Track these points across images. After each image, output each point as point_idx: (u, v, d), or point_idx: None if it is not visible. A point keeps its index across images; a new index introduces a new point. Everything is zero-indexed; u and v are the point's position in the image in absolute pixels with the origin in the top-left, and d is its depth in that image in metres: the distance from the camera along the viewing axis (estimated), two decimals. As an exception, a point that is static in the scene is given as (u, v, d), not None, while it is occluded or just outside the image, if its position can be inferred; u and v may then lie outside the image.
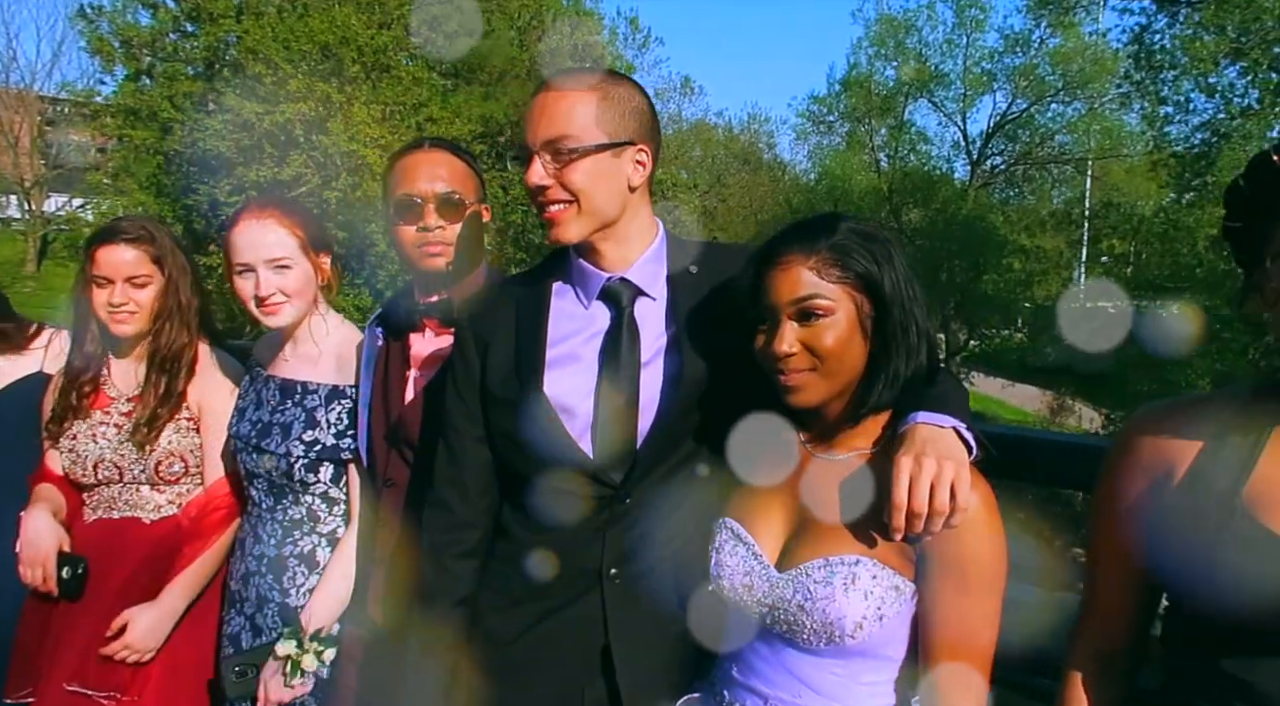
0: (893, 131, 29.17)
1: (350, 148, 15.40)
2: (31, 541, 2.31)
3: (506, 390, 1.70)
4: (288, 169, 15.65)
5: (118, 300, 2.36)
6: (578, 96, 1.60)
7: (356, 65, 15.42)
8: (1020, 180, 29.56)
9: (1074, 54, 25.51)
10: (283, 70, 15.22)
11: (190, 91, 17.12)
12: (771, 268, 1.46)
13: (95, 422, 2.44)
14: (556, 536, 1.68)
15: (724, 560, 1.54)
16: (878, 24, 28.00)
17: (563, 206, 1.62)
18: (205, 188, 16.19)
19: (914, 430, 1.40)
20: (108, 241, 2.36)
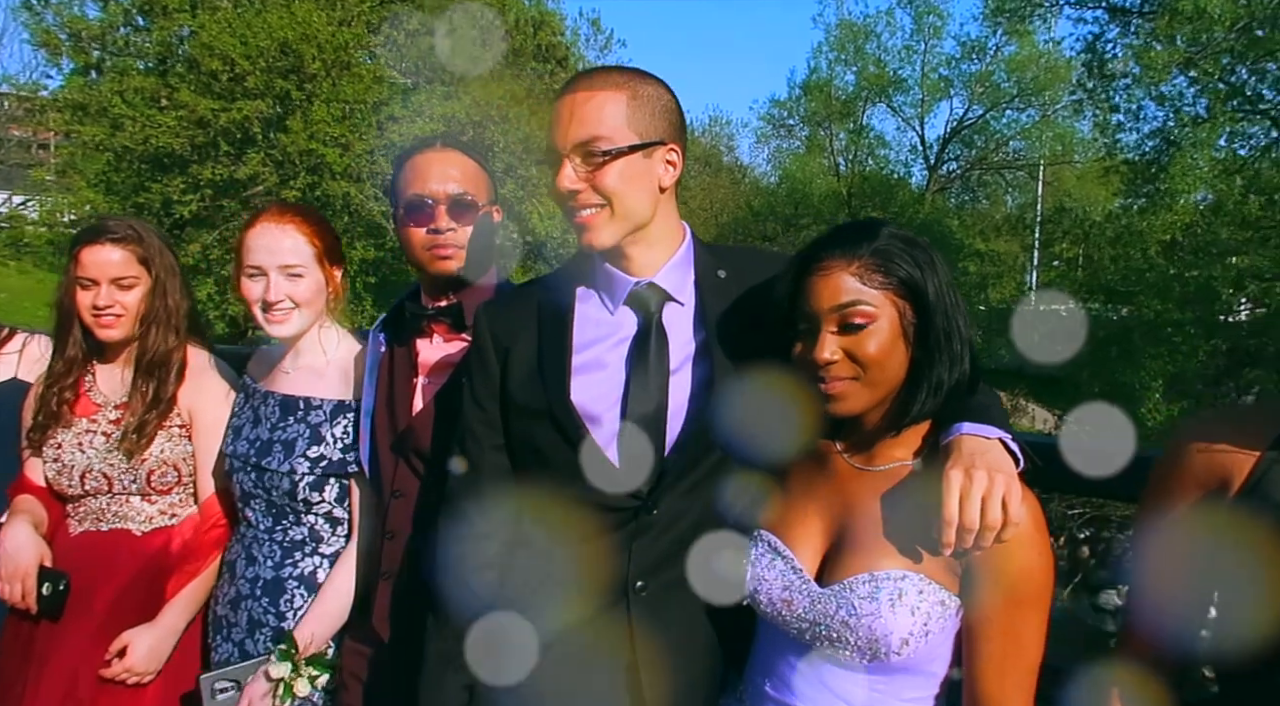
0: (852, 136, 29.54)
1: (310, 146, 15.10)
2: (10, 555, 2.20)
3: (529, 398, 1.64)
4: (244, 167, 15.31)
5: (103, 302, 2.26)
6: (607, 96, 1.56)
7: (317, 63, 15.12)
8: (976, 185, 30.11)
9: (1028, 62, 26.06)
10: (240, 66, 14.87)
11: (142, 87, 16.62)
12: (812, 274, 1.43)
13: (81, 430, 2.33)
14: (580, 548, 1.63)
15: (761, 574, 1.50)
16: (838, 29, 28.39)
17: (594, 210, 1.57)
18: (158, 186, 15.76)
19: (960, 442, 1.37)
20: (93, 241, 2.26)
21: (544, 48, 21.11)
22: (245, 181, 15.46)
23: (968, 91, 27.89)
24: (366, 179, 15.96)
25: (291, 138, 15.06)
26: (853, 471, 1.51)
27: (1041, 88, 26.12)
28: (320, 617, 2.06)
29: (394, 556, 1.96)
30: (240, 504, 2.22)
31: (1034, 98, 26.59)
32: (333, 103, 15.31)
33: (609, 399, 1.61)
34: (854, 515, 1.46)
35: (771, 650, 1.54)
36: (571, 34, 23.74)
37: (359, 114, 15.92)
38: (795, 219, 27.90)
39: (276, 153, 15.35)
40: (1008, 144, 28.48)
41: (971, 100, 27.97)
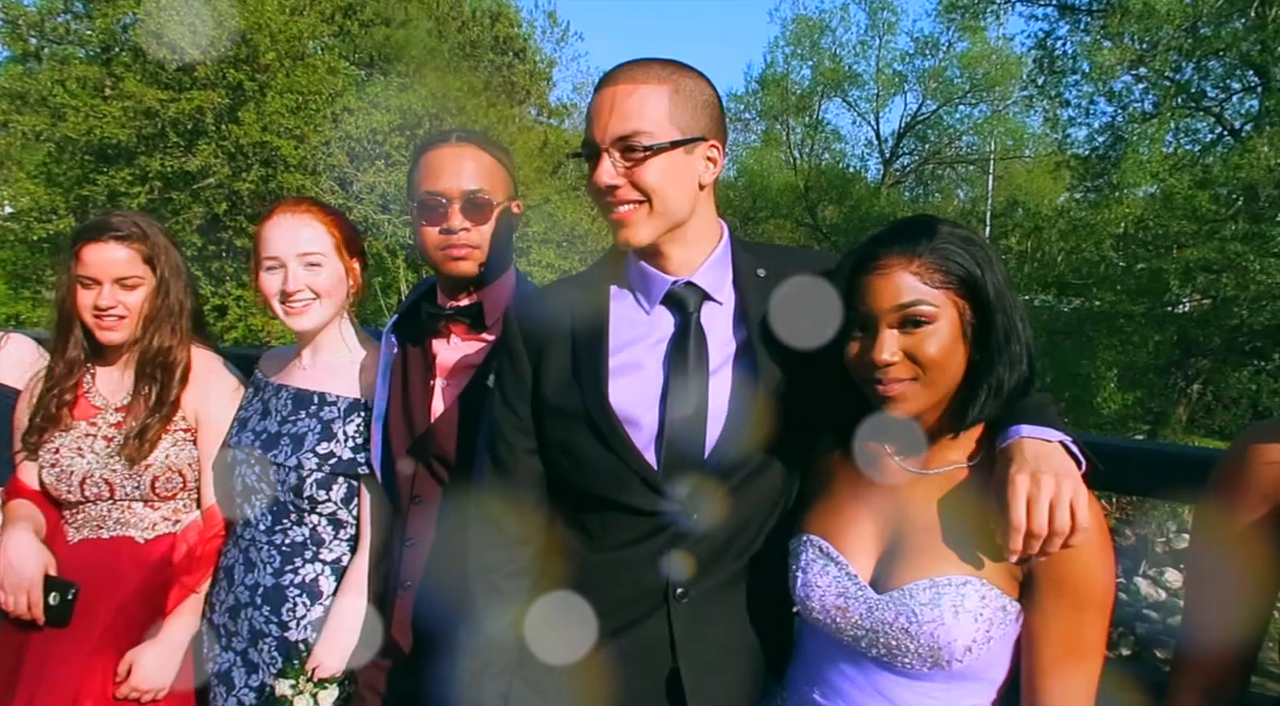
0: (808, 130, 29.72)
1: (263, 138, 14.73)
2: (14, 565, 2.07)
3: (566, 400, 1.58)
4: (195, 159, 14.88)
5: (105, 303, 2.15)
6: (649, 89, 1.50)
7: (272, 53, 14.74)
8: (929, 179, 30.52)
9: (980, 58, 26.47)
10: (189, 56, 14.44)
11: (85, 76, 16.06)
12: (869, 272, 1.38)
13: (80, 434, 2.21)
14: (619, 554, 1.57)
15: (813, 580, 1.46)
16: (794, 24, 28.52)
17: (633, 207, 1.52)
18: (104, 178, 15.26)
19: (1020, 445, 1.34)
20: (96, 239, 2.15)
21: (501, 39, 20.85)
22: (196, 173, 15.02)
23: (921, 87, 28.26)
24: (322, 171, 15.63)
25: (244, 129, 14.67)
26: (905, 475, 1.47)
27: (993, 83, 26.57)
28: (334, 641, 1.98)
29: (415, 564, 1.89)
30: (240, 500, 2.12)
31: (986, 93, 27.03)
32: (287, 94, 14.94)
33: (647, 401, 1.55)
34: (909, 520, 1.42)
35: (820, 657, 1.50)
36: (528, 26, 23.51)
37: (313, 105, 15.57)
38: (753, 213, 28.02)
39: (229, 144, 14.95)
40: (960, 138, 28.92)
41: (925, 95, 28.35)
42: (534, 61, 21.94)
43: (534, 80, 21.71)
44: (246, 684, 2.08)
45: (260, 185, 15.33)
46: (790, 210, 28.00)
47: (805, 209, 27.44)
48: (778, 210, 27.92)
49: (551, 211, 19.16)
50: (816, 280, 1.58)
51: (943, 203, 30.49)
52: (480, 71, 20.41)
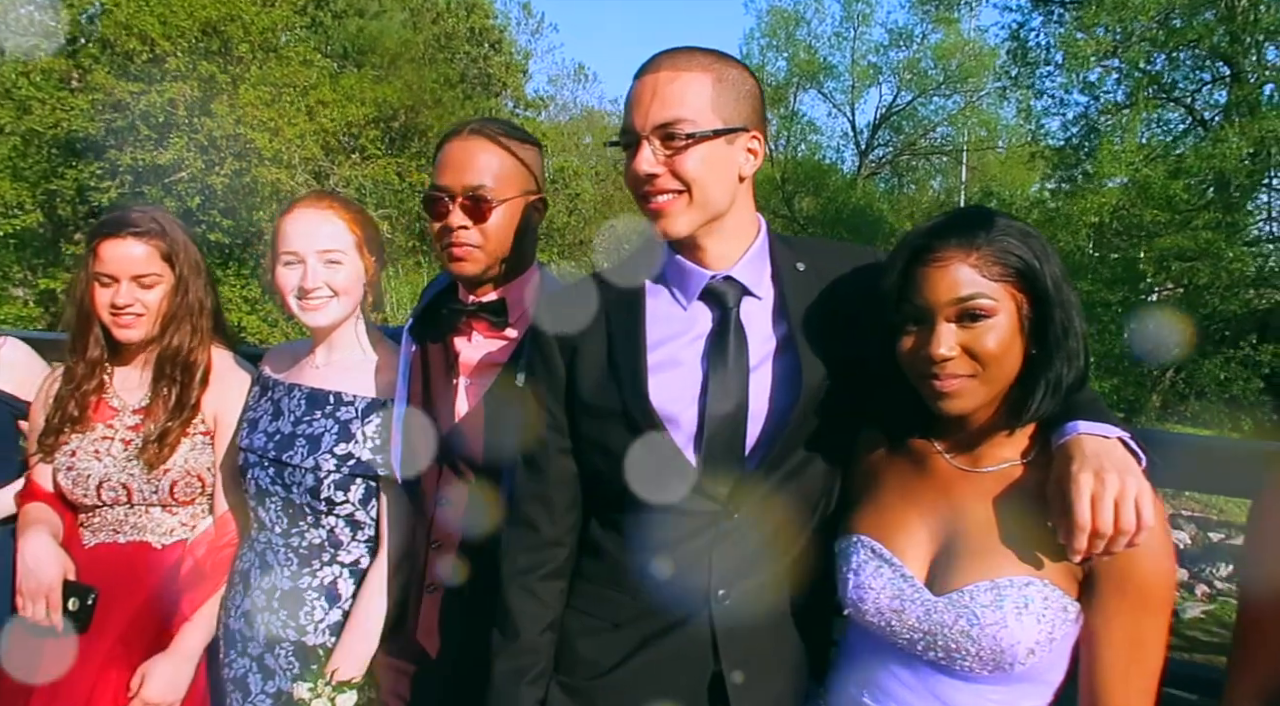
0: (784, 121, 29.74)
1: (237, 131, 14.51)
2: (32, 570, 2.00)
3: (603, 398, 1.54)
4: (167, 152, 14.62)
5: (123, 301, 2.08)
6: (692, 77, 1.46)
7: (245, 44, 14.51)
8: (904, 170, 30.68)
9: (954, 50, 26.59)
10: (160, 47, 14.18)
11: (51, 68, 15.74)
12: (925, 265, 1.35)
13: (97, 437, 2.14)
14: (658, 555, 1.54)
15: (866, 582, 1.42)
16: (769, 15, 28.51)
17: (671, 197, 1.48)
18: (72, 172, 14.98)
19: (1079, 442, 1.31)
20: (114, 235, 2.08)
21: (477, 31, 20.68)
22: (168, 167, 14.77)
23: (896, 78, 28.38)
24: (298, 164, 15.42)
25: (217, 122, 14.44)
26: (957, 473, 1.43)
27: (967, 75, 26.72)
28: (355, 645, 1.93)
29: (443, 567, 1.84)
30: (254, 503, 2.07)
31: (960, 85, 27.18)
32: (260, 86, 14.72)
33: (686, 398, 1.52)
34: (963, 519, 1.39)
35: (871, 659, 1.47)
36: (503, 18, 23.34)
37: (287, 98, 15.35)
38: (730, 204, 27.94)
39: (201, 137, 14.70)
40: (935, 130, 29.09)
41: (900, 87, 28.47)
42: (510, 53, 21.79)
43: (510, 72, 21.55)
44: (263, 689, 2.02)
45: (234, 179, 15.10)
46: (767, 201, 27.99)
47: (782, 200, 27.49)
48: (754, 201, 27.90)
49: (529, 204, 19.02)
50: (861, 273, 1.55)
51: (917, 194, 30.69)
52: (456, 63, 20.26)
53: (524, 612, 1.59)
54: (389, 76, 18.48)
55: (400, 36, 19.75)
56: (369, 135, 17.14)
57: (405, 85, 18.31)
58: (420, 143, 18.89)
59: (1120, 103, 17.42)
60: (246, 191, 15.83)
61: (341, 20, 19.61)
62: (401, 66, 18.93)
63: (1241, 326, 15.77)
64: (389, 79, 18.27)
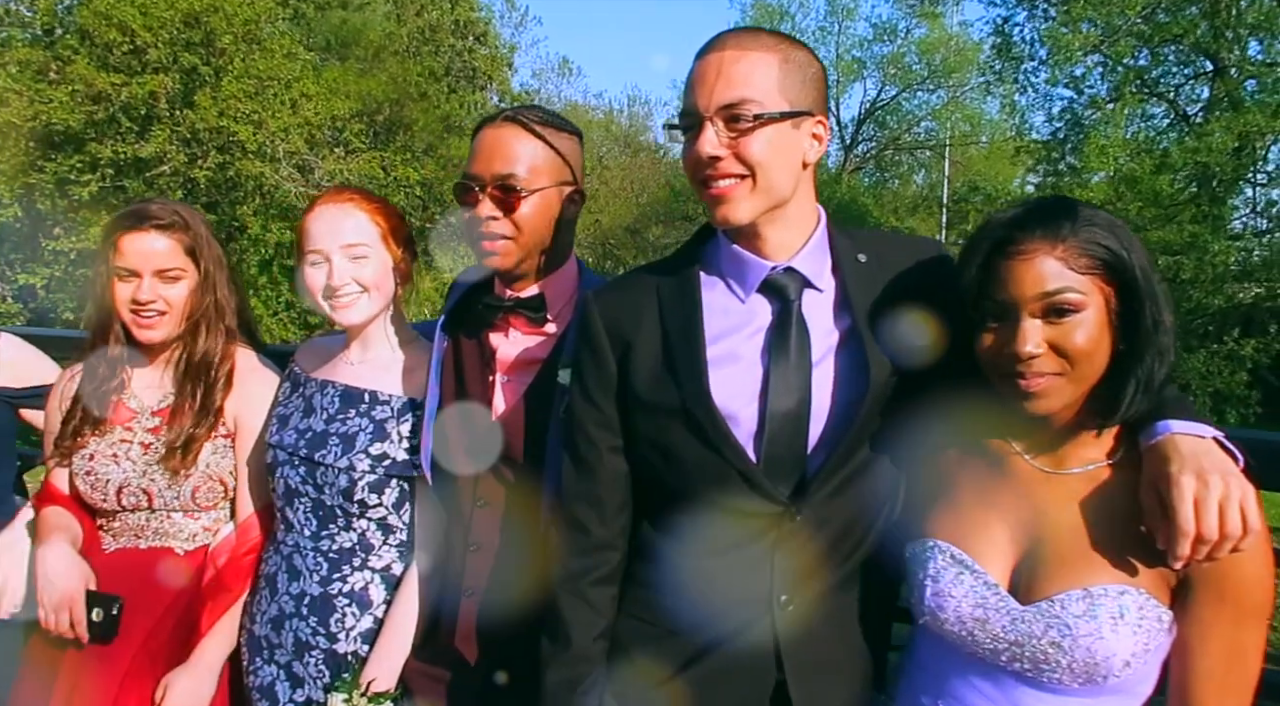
0: (769, 115, 29.65)
1: (220, 124, 14.28)
2: (52, 581, 1.92)
3: (660, 395, 1.49)
4: (149, 145, 14.37)
5: (145, 296, 2.00)
6: (758, 57, 1.41)
7: (228, 36, 14.28)
8: (888, 164, 30.75)
9: (938, 44, 26.66)
10: (141, 38, 13.93)
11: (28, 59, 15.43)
12: (1007, 258, 1.30)
13: (115, 440, 2.06)
14: (718, 559, 1.49)
15: (946, 589, 1.37)
16: (754, 9, 28.43)
17: (734, 182, 1.42)
18: (51, 165, 14.69)
19: (1173, 442, 1.26)
20: (135, 228, 2.00)
21: (461, 24, 20.49)
22: (150, 160, 14.53)
23: (880, 73, 28.43)
24: (282, 158, 15.22)
25: (200, 114, 14.21)
26: (1038, 475, 1.39)
27: (951, 70, 26.79)
28: (389, 653, 1.87)
29: (480, 571, 1.78)
30: (282, 503, 1.99)
31: (944, 79, 27.25)
32: (244, 78, 14.50)
33: (746, 395, 1.47)
34: (1047, 524, 1.34)
35: (946, 669, 1.41)
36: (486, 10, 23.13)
37: (271, 90, 15.13)
38: (716, 199, 27.91)
39: (183, 130, 14.47)
40: (919, 124, 29.16)
41: (884, 82, 28.53)
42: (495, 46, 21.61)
43: (495, 65, 21.38)
44: (291, 698, 1.95)
45: (217, 172, 14.88)
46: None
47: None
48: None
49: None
50: (926, 266, 1.51)
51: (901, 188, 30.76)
52: (440, 56, 20.05)
53: (576, 619, 1.54)
54: (373, 69, 18.26)
55: (384, 29, 19.53)
56: (353, 129, 16.92)
57: (389, 78, 18.08)
58: (405, 136, 18.69)
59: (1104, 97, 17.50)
60: (230, 186, 15.61)
61: (324, 12, 19.39)
62: (385, 59, 18.71)
63: (1225, 320, 15.90)
64: (373, 72, 18.05)
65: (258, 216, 15.70)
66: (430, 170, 18.43)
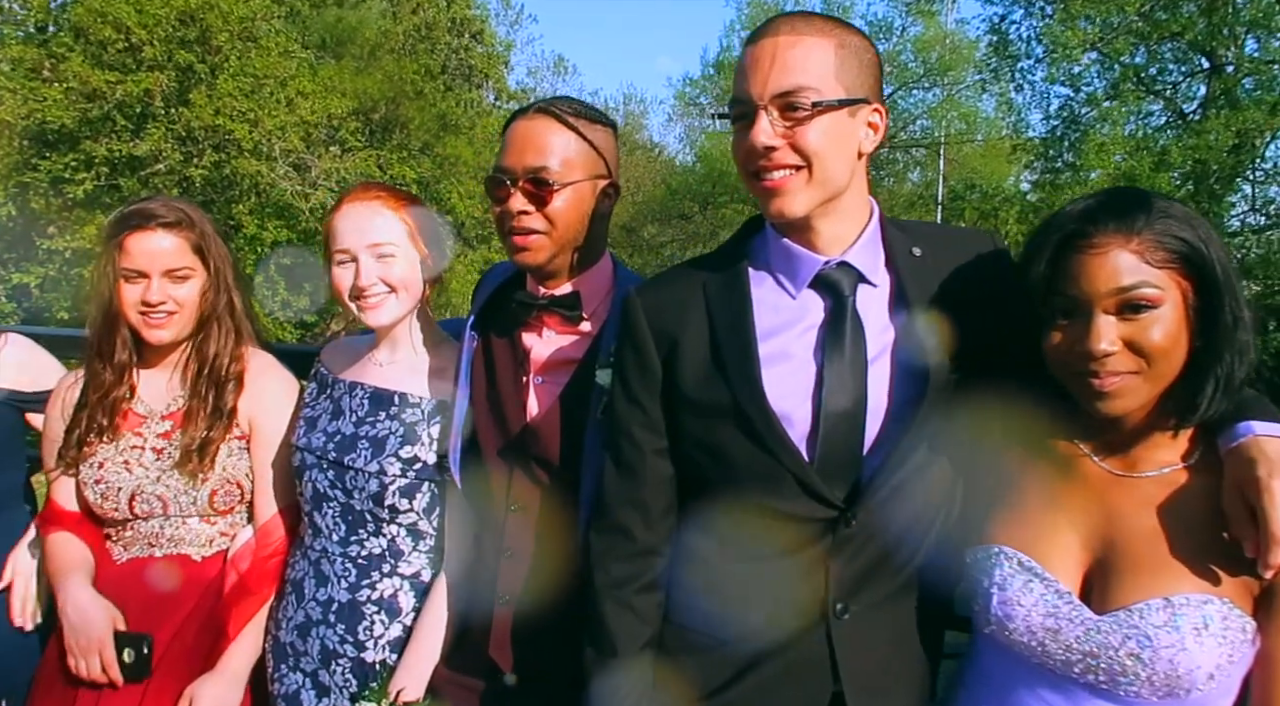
0: (765, 114, 29.65)
1: (216, 122, 14.18)
2: (78, 627, 1.88)
3: (709, 394, 1.44)
4: (144, 143, 14.27)
5: (155, 298, 1.95)
6: (815, 42, 1.36)
7: (224, 33, 14.17)
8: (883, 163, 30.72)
9: (934, 42, 26.65)
10: (136, 35, 13.82)
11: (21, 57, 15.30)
12: (1079, 252, 1.25)
13: (126, 447, 2.01)
14: (769, 565, 1.44)
15: (1014, 597, 1.32)
16: (750, 7, 28.43)
17: (789, 173, 1.37)
18: (46, 163, 14.58)
19: (1258, 445, 1.22)
20: (141, 227, 1.94)
21: (458, 21, 20.39)
22: (145, 158, 14.42)
23: (876, 70, 28.35)
24: (278, 156, 15.13)
25: (195, 112, 14.10)
26: (1110, 478, 1.34)
27: (946, 68, 26.78)
28: (418, 662, 1.82)
29: (514, 577, 1.73)
30: (309, 508, 1.94)
31: (939, 77, 27.24)
32: (240, 77, 14.39)
33: (800, 394, 1.42)
34: (1121, 529, 1.29)
35: (1012, 681, 1.36)
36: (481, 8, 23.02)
37: (267, 89, 15.03)
38: (713, 197, 27.92)
39: (179, 128, 14.36)
40: (914, 122, 29.14)
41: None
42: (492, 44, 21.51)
43: (492, 63, 21.29)
44: (318, 707, 1.91)
45: (213, 171, 14.78)
46: (749, 195, 27.98)
47: (764, 193, 27.45)
48: (737, 195, 27.85)
49: (512, 197, 18.82)
50: (983, 261, 1.46)
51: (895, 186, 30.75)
52: (437, 54, 19.95)
53: (620, 628, 1.49)
54: (368, 68, 18.15)
55: (379, 26, 19.42)
56: (349, 127, 16.82)
57: (385, 77, 17.97)
58: (401, 135, 18.60)
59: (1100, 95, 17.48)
60: (226, 185, 15.51)
61: (319, 10, 19.27)
62: (381, 57, 18.59)
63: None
64: (368, 70, 17.95)
65: (253, 215, 15.61)
66: (427, 168, 18.35)
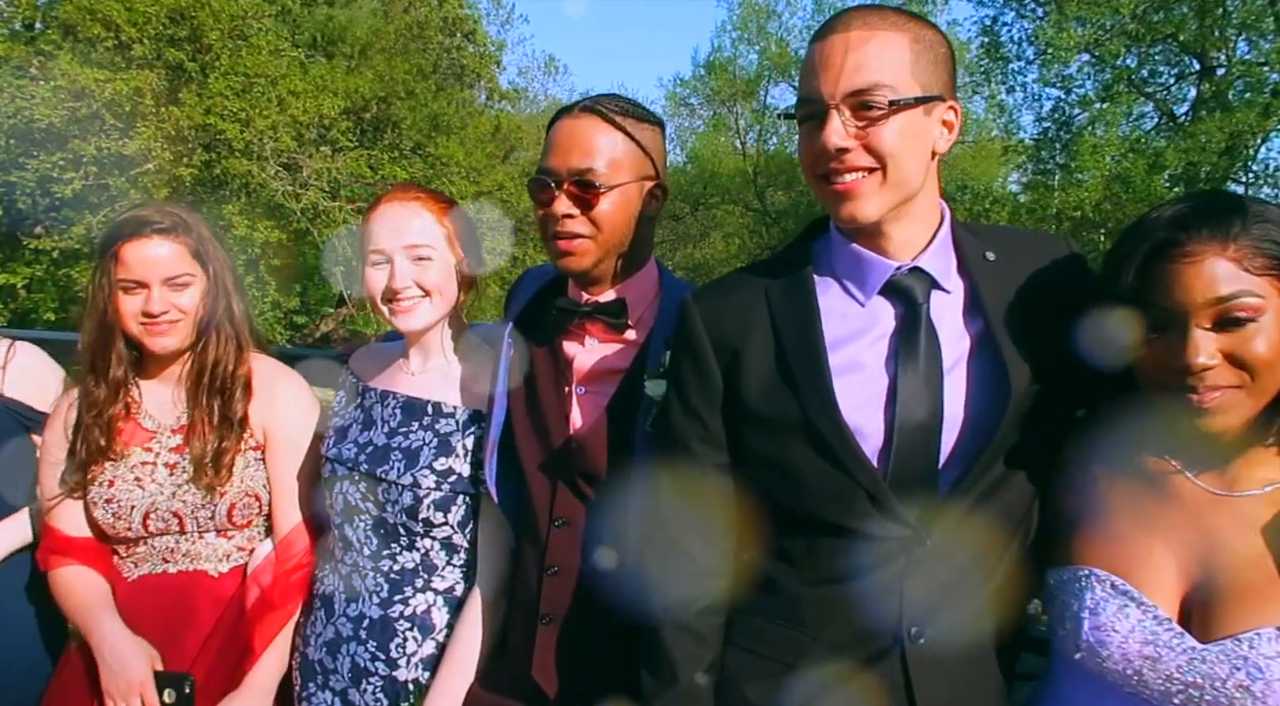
0: (755, 115, 29.66)
1: (206, 122, 14.03)
2: (115, 671, 1.81)
3: (777, 407, 1.38)
4: (133, 142, 14.10)
5: (157, 308, 1.88)
6: (888, 37, 1.30)
7: (215, 32, 14.03)
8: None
9: (925, 43, 26.66)
10: (125, 33, 13.65)
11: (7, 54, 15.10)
12: (1171, 261, 1.20)
13: (136, 463, 1.94)
14: (840, 587, 1.38)
15: (1108, 623, 1.25)
16: (740, 8, 28.42)
17: (862, 176, 1.31)
18: (34, 162, 14.39)
19: None
20: (136, 235, 1.88)
21: (450, 21, 20.24)
22: (134, 158, 14.25)
23: (867, 72, 28.39)
24: (269, 156, 14.98)
25: (186, 112, 13.95)
26: (1207, 497, 1.27)
27: (937, 69, 26.80)
28: (452, 681, 1.76)
29: (560, 595, 1.67)
30: (340, 521, 1.88)
31: (931, 79, 27.26)
32: (231, 75, 14.25)
33: (872, 406, 1.36)
34: (1223, 552, 1.23)
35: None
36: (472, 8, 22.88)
37: (258, 88, 14.89)
38: (704, 198, 27.88)
39: (169, 127, 14.20)
40: (906, 123, 29.17)
41: (870, 81, 28.50)
42: (484, 44, 21.37)
43: (484, 63, 21.16)
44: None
45: (203, 170, 14.63)
46: (740, 195, 27.99)
47: (755, 194, 27.45)
48: (728, 195, 27.87)
49: (505, 198, 18.76)
50: (1060, 266, 1.40)
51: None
52: (428, 54, 19.80)
53: (681, 652, 1.42)
54: (360, 67, 18.02)
55: (371, 25, 19.27)
56: (340, 127, 16.69)
57: (376, 76, 17.84)
58: (393, 135, 18.47)
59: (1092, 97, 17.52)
60: (216, 185, 15.36)
61: (310, 9, 19.10)
62: (372, 56, 18.45)
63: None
64: (360, 69, 17.81)
65: (244, 216, 15.46)
66: (418, 169, 18.21)
